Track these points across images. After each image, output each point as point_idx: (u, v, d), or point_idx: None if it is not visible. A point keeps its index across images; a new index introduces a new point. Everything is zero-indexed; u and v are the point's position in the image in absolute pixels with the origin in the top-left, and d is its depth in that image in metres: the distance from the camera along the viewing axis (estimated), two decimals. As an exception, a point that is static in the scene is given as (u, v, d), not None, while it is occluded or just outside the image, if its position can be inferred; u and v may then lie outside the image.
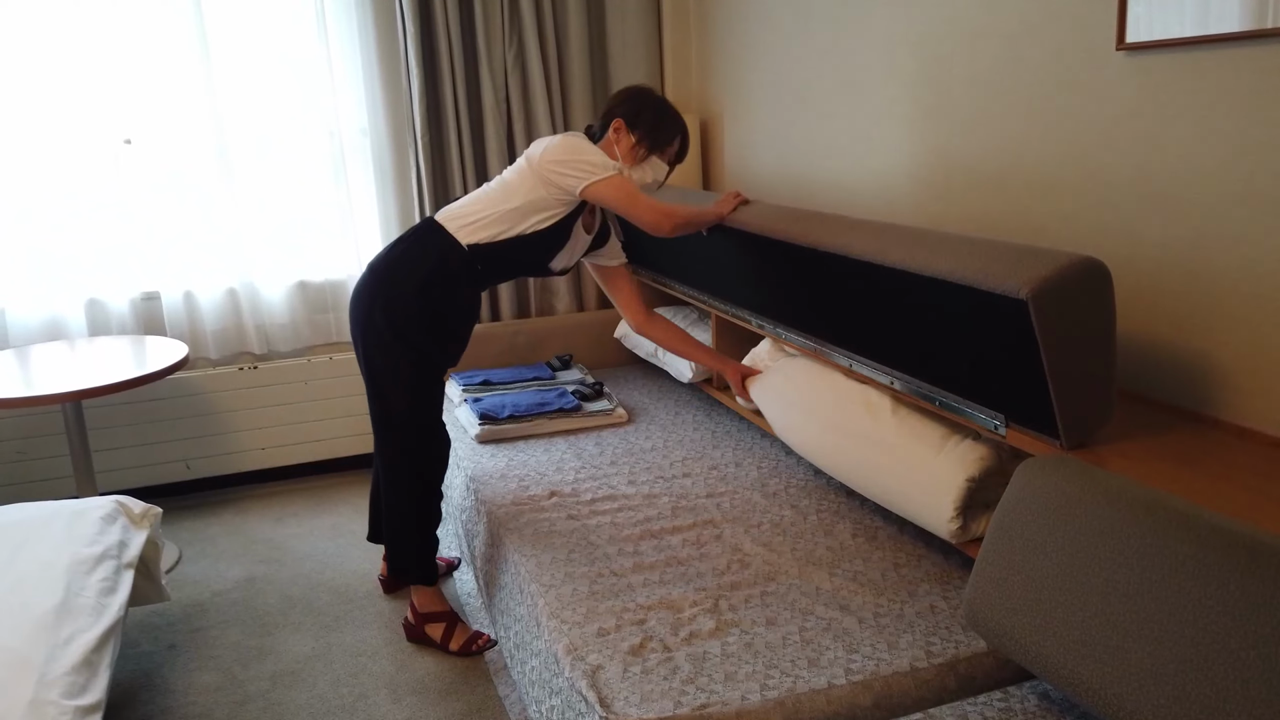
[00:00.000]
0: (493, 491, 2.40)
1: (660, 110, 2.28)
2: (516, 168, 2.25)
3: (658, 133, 2.27)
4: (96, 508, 2.20)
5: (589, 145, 2.22)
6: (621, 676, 1.60)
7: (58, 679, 1.60)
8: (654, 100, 2.30)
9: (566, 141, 2.20)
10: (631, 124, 2.26)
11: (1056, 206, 2.01)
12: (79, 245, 3.10)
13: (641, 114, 2.27)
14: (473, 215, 2.22)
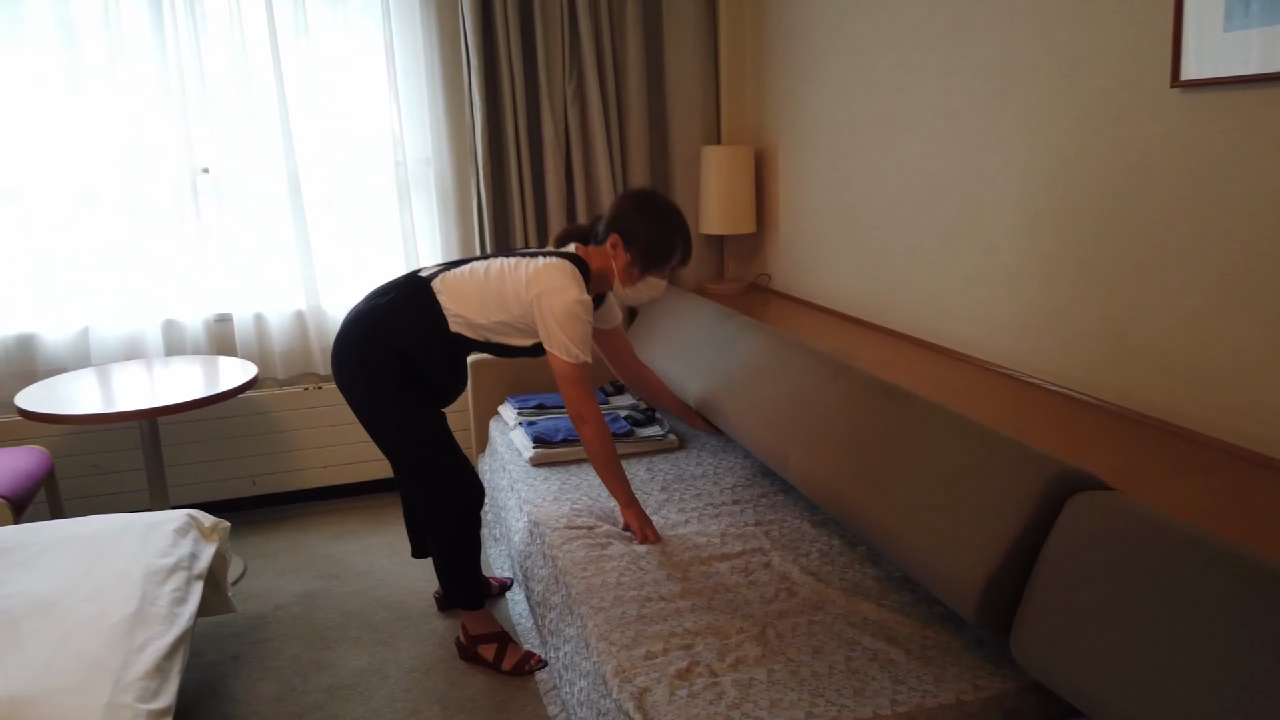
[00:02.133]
0: (545, 514, 2.45)
1: (659, 230, 2.23)
2: (517, 282, 2.23)
3: (651, 255, 2.24)
4: (170, 520, 2.30)
5: (583, 320, 2.19)
6: (668, 700, 1.63)
7: (132, 683, 1.69)
8: (654, 218, 2.24)
9: (567, 308, 2.17)
10: (628, 243, 2.23)
11: (1106, 240, 2.00)
12: (158, 268, 3.25)
13: (638, 234, 2.23)
14: (466, 312, 2.25)
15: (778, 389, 2.40)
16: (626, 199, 2.30)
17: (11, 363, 3.15)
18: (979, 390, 2.23)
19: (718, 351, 2.77)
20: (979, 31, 2.32)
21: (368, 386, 2.28)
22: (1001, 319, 2.35)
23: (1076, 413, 2.03)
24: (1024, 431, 1.92)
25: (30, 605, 1.90)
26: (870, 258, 2.89)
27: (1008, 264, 2.31)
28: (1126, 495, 1.51)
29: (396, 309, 2.28)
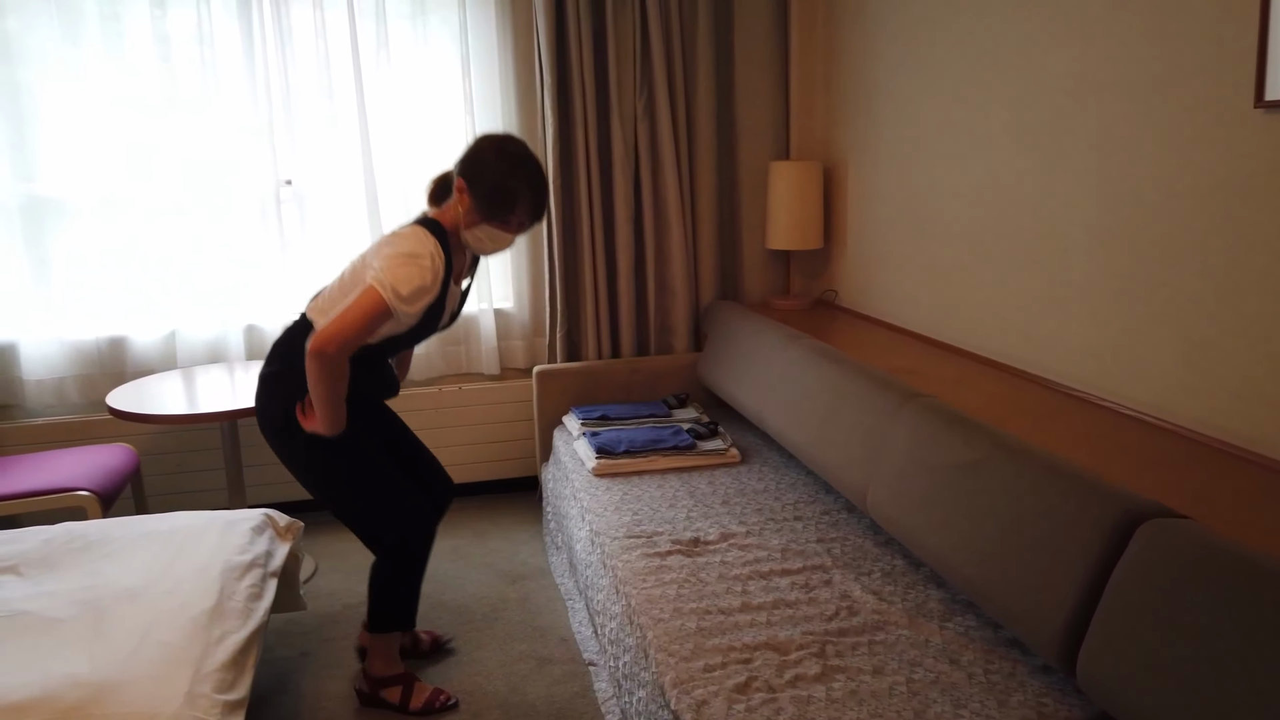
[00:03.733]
0: (606, 524, 2.48)
1: (505, 171, 2.05)
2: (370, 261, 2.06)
3: (493, 201, 2.05)
4: (247, 519, 2.39)
5: (414, 272, 2.00)
6: (725, 713, 1.64)
7: (210, 674, 1.76)
8: (502, 158, 2.05)
9: (406, 252, 2.02)
10: (471, 185, 2.06)
11: (1183, 263, 1.95)
12: (241, 275, 3.38)
13: (482, 176, 2.05)
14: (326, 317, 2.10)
15: (846, 420, 2.37)
16: (480, 139, 2.09)
17: (104, 364, 3.31)
18: (1048, 412, 2.19)
19: (784, 376, 2.75)
20: (1054, 49, 2.29)
21: (279, 442, 2.20)
22: (1072, 340, 2.31)
23: (1150, 438, 1.98)
24: (1095, 456, 1.88)
25: (116, 596, 1.99)
26: (939, 275, 2.86)
27: (1080, 285, 2.27)
28: (1198, 523, 1.48)
29: (280, 351, 2.19)
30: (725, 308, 3.48)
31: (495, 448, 3.66)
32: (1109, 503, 1.57)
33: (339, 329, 1.98)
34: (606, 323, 3.55)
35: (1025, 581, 1.67)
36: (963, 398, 2.28)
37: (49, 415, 3.30)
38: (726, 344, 3.25)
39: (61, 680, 1.67)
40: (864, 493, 2.22)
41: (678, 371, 3.53)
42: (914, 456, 2.07)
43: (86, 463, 2.88)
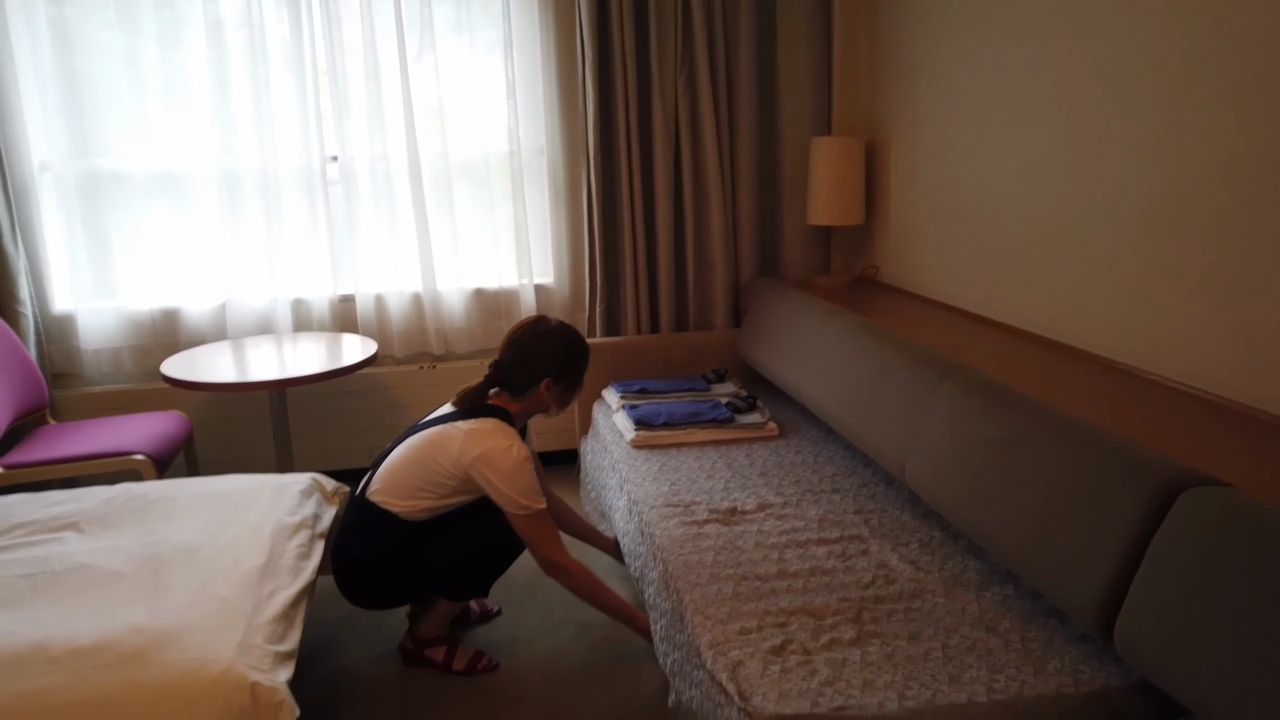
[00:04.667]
0: (644, 493, 2.51)
1: (573, 355, 2.34)
2: (449, 451, 2.22)
3: (577, 376, 2.38)
4: (296, 483, 2.46)
5: (527, 469, 2.21)
6: (761, 673, 1.67)
7: (262, 626, 1.82)
8: (565, 348, 2.33)
9: (512, 464, 2.19)
10: (557, 379, 2.33)
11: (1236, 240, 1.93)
12: (289, 250, 3.46)
13: (563, 369, 2.33)
14: (407, 501, 2.26)
15: (886, 392, 2.37)
16: (533, 346, 2.31)
17: (158, 334, 3.40)
18: (1093, 385, 2.17)
19: (825, 352, 2.76)
20: (1104, 23, 2.25)
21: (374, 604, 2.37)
22: (1119, 315, 2.29)
23: (1199, 411, 1.96)
24: (1140, 428, 1.87)
25: (173, 552, 2.07)
26: (982, 251, 2.84)
27: (1128, 261, 2.24)
28: (1240, 491, 1.47)
29: (353, 537, 2.30)
30: (765, 284, 3.48)
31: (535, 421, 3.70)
32: (1149, 471, 1.57)
33: (543, 556, 2.27)
34: (646, 298, 3.57)
35: (1064, 550, 1.67)
36: (1005, 372, 2.27)
37: (105, 384, 3.41)
38: (766, 320, 3.26)
39: (123, 628, 1.74)
40: (903, 465, 2.23)
41: (716, 347, 3.54)
42: (953, 429, 2.07)
43: (142, 428, 2.97)
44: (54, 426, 3.07)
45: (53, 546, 2.12)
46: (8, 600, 1.89)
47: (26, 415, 2.99)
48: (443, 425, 2.29)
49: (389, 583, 2.32)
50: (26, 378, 3.00)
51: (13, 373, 2.93)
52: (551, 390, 2.33)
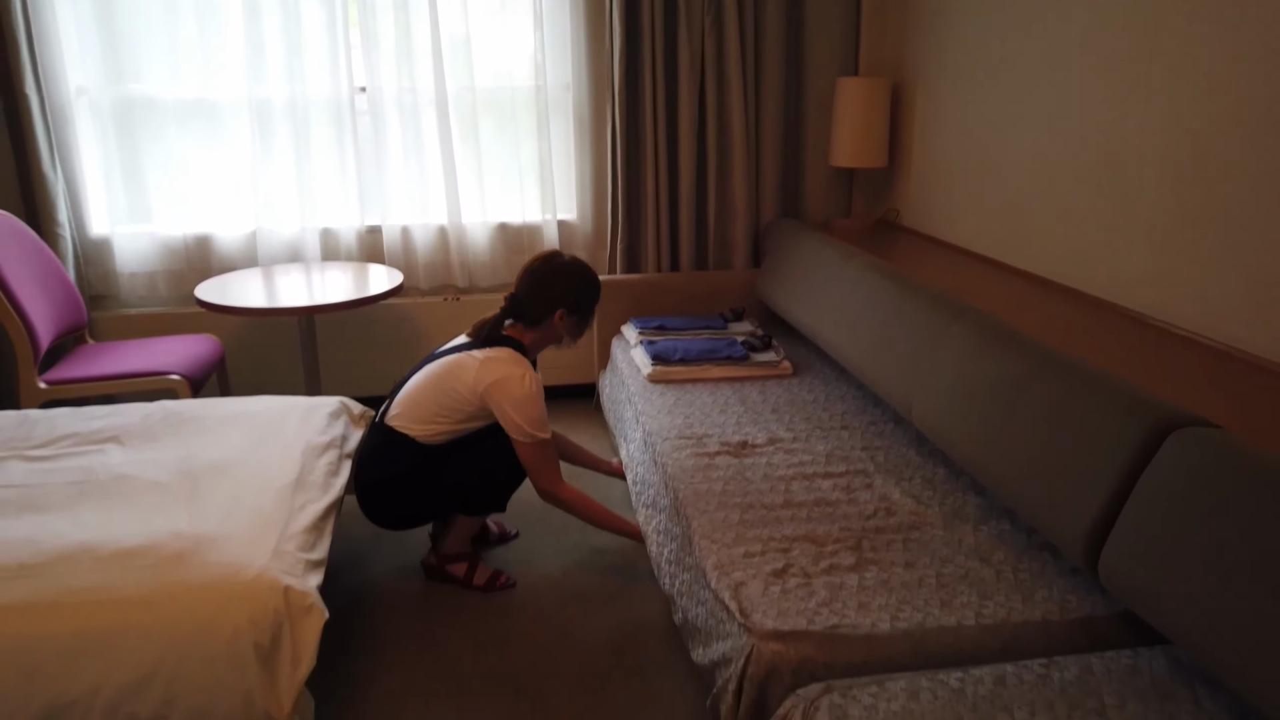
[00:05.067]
0: (658, 426, 2.59)
1: (586, 286, 2.42)
2: (465, 378, 2.32)
3: (590, 307, 2.46)
4: (325, 405, 2.56)
5: (537, 399, 2.32)
6: (762, 593, 1.76)
7: (294, 535, 1.93)
8: (577, 278, 2.41)
9: (524, 392, 2.30)
10: (571, 310, 2.40)
11: (1254, 193, 1.94)
12: (318, 180, 3.52)
13: (576, 300, 2.40)
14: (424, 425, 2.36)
15: (899, 333, 2.42)
16: (549, 278, 2.39)
17: (190, 260, 3.50)
18: (1104, 332, 2.21)
19: (841, 293, 2.80)
20: (1134, -38, 2.24)
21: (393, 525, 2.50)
22: (1134, 265, 2.32)
23: (1205, 358, 2.01)
24: (1144, 374, 1.92)
25: (209, 467, 2.18)
26: (1003, 197, 2.85)
27: (1146, 211, 2.26)
28: (1228, 432, 1.52)
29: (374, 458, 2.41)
30: (786, 225, 3.51)
31: (553, 355, 3.77)
32: (1142, 411, 1.63)
33: (542, 485, 2.40)
34: (667, 236, 3.61)
35: (1058, 486, 1.73)
36: (1017, 316, 2.32)
37: (141, 307, 3.51)
38: (785, 261, 3.30)
39: (165, 532, 1.86)
40: (910, 404, 2.29)
41: (735, 287, 3.59)
42: (963, 369, 2.12)
43: (177, 350, 3.08)
44: (93, 346, 3.19)
45: (96, 457, 2.24)
46: (56, 505, 2.01)
47: (67, 334, 3.10)
48: (459, 354, 2.38)
49: (409, 503, 2.43)
50: (67, 297, 3.11)
51: (54, 292, 3.04)
52: (565, 321, 2.41)
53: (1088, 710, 1.45)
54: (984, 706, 1.46)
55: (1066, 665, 1.56)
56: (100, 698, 1.65)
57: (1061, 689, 1.50)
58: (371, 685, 2.16)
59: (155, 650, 1.67)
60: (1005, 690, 1.50)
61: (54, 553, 1.79)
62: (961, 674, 1.54)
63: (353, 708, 2.09)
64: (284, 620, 1.73)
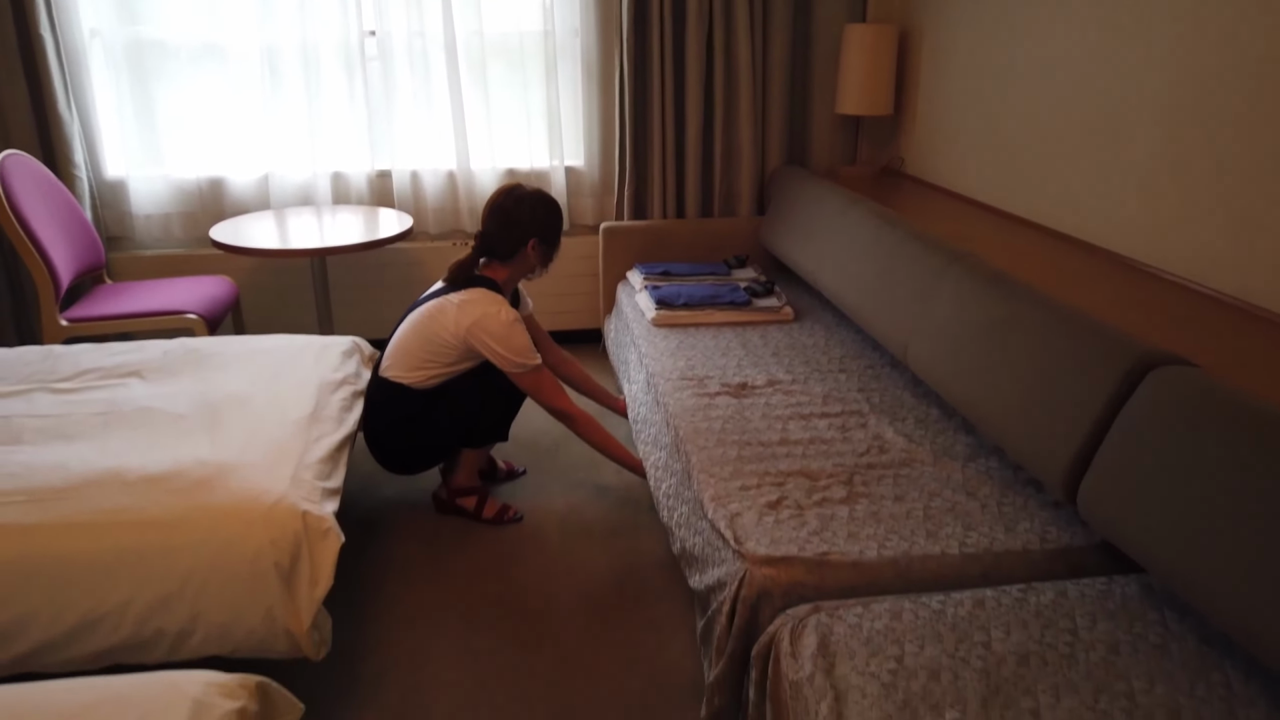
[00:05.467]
0: (661, 367, 2.66)
1: (551, 214, 2.49)
2: (445, 323, 2.40)
3: (556, 236, 2.53)
4: (338, 344, 2.64)
5: (518, 330, 2.40)
6: (756, 523, 1.84)
7: (310, 465, 2.02)
8: (542, 208, 2.47)
9: (503, 326, 2.38)
10: (541, 239, 2.48)
11: (1241, 137, 1.98)
12: (329, 125, 3.56)
13: (544, 229, 2.47)
14: (416, 372, 2.45)
15: (896, 278, 2.48)
16: (515, 210, 2.45)
17: (204, 203, 3.56)
18: (1094, 276, 2.26)
19: (843, 239, 2.85)
20: (1139, -92, 2.25)
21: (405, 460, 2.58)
22: (1127, 212, 2.36)
23: (1191, 302, 2.06)
24: (1131, 317, 1.98)
25: (228, 400, 2.26)
26: (1005, 146, 2.88)
27: (1140, 158, 2.30)
28: (1205, 371, 1.59)
29: (377, 409, 2.49)
30: (791, 172, 3.54)
31: (560, 300, 3.85)
32: (1125, 350, 1.69)
33: (549, 405, 2.52)
34: (673, 183, 3.65)
35: (1042, 422, 1.81)
36: (1012, 262, 2.37)
37: (156, 248, 3.58)
38: (790, 208, 3.34)
39: (188, 460, 1.95)
40: (906, 346, 2.36)
41: (740, 234, 3.63)
42: (956, 311, 2.18)
43: (193, 290, 3.16)
44: (111, 286, 3.27)
45: (119, 390, 2.33)
46: (83, 434, 2.10)
47: (86, 274, 3.17)
48: (437, 300, 2.46)
49: (415, 446, 2.52)
50: (85, 238, 3.18)
51: (73, 232, 3.11)
52: (538, 250, 2.49)
53: (1060, 630, 1.54)
54: (963, 625, 1.55)
55: (1043, 590, 1.65)
56: (130, 611, 1.75)
57: (1037, 610, 1.59)
58: (384, 609, 2.27)
59: (181, 569, 1.77)
60: (983, 611, 1.59)
61: (84, 478, 1.89)
62: (943, 596, 1.63)
63: (366, 629, 2.20)
64: (302, 542, 1.83)
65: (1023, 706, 1.38)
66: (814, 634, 1.54)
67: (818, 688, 1.45)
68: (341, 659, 2.10)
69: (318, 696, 1.98)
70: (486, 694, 1.99)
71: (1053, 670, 1.45)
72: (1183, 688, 1.42)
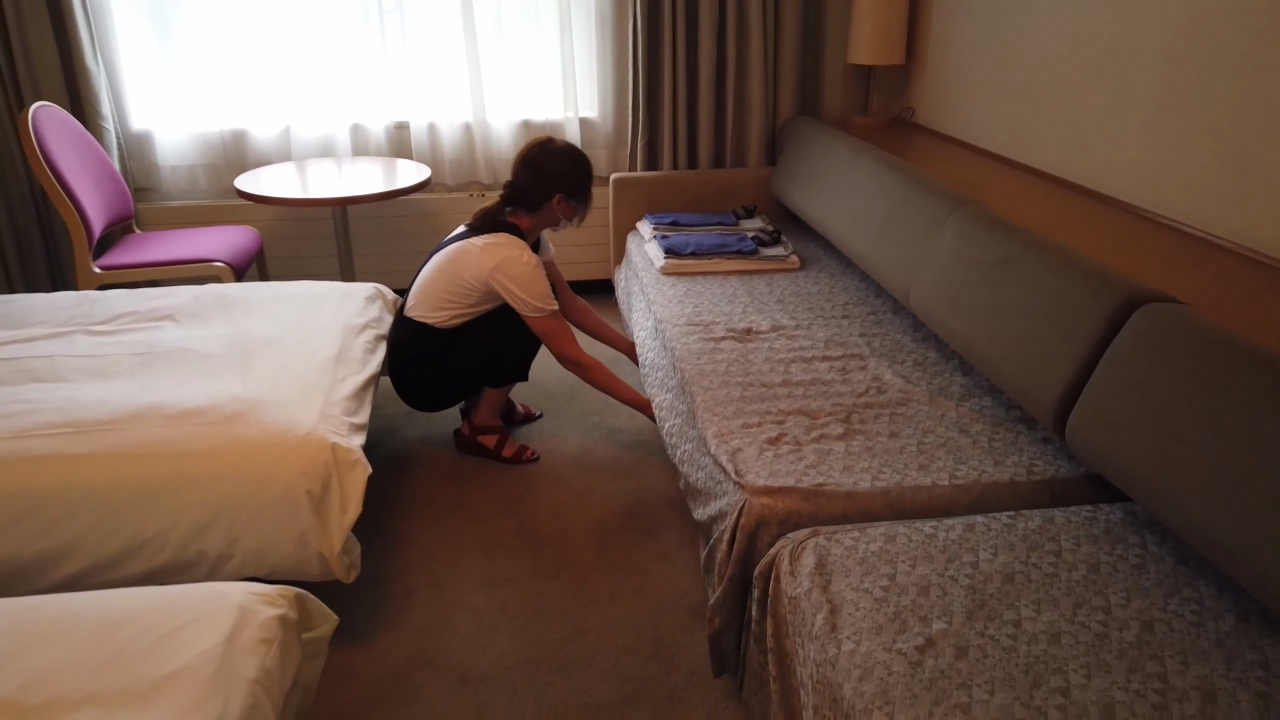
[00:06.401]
0: (669, 314, 2.74)
1: (581, 170, 2.55)
2: (467, 264, 2.50)
3: (586, 189, 2.59)
4: (361, 290, 2.74)
5: (539, 276, 2.49)
6: (756, 457, 1.94)
7: (338, 402, 2.13)
8: (572, 162, 2.54)
9: (524, 271, 2.47)
10: (569, 194, 2.54)
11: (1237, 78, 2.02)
12: (348, 78, 3.62)
13: (573, 184, 2.54)
14: (439, 312, 2.56)
15: (901, 224, 2.54)
16: (545, 163, 2.52)
17: (227, 154, 3.64)
18: (1095, 221, 2.32)
19: (851, 187, 2.91)
20: None
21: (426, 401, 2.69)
22: (1128, 156, 2.41)
23: (1185, 244, 2.12)
24: (1125, 258, 2.04)
25: (257, 342, 2.37)
26: (1013, 94, 2.92)
27: (1141, 101, 2.35)
28: (1190, 309, 1.66)
29: (402, 348, 2.60)
30: (802, 123, 3.58)
31: (575, 250, 3.93)
32: (1114, 288, 1.76)
33: (560, 352, 2.60)
34: (684, 134, 3.70)
35: (1035, 358, 1.89)
36: (1016, 208, 2.43)
37: (182, 199, 3.68)
38: (800, 158, 3.39)
39: (223, 396, 2.06)
40: (909, 289, 2.43)
41: (750, 184, 3.69)
42: (957, 255, 2.25)
43: (219, 240, 3.26)
44: (139, 235, 3.38)
45: (154, 333, 2.44)
46: (123, 373, 2.22)
47: (116, 223, 3.28)
48: (460, 243, 2.55)
49: (439, 383, 2.63)
50: (115, 188, 3.28)
51: (103, 183, 3.21)
52: (563, 204, 2.57)
53: (1045, 551, 1.64)
54: (952, 547, 1.65)
55: (1031, 516, 1.74)
56: (173, 535, 1.88)
57: (1024, 534, 1.68)
58: (409, 540, 2.39)
59: (219, 495, 1.89)
60: (973, 535, 1.68)
61: (126, 412, 2.00)
62: (935, 522, 1.72)
63: (392, 558, 2.33)
64: (332, 472, 1.94)
65: (1005, 618, 1.48)
66: (812, 555, 1.64)
67: (814, 602, 1.55)
68: (370, 584, 2.23)
69: (349, 617, 2.11)
70: (506, 617, 2.12)
71: (1035, 587, 1.55)
72: (1157, 602, 1.51)
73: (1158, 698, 1.32)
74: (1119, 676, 1.36)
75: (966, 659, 1.39)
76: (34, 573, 1.83)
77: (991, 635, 1.44)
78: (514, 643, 2.04)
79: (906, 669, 1.38)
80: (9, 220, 3.43)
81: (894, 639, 1.44)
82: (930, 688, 1.34)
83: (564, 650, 2.02)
